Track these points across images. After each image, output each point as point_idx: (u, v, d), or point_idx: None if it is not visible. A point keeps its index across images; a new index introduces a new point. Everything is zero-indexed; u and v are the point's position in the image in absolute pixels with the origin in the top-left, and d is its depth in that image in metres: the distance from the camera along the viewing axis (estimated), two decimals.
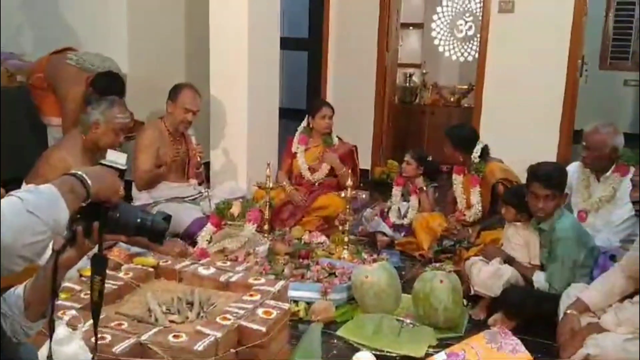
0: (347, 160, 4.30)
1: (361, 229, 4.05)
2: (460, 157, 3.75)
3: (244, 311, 2.28)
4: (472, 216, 3.73)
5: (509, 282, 2.89)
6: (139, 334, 2.08)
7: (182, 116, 3.74)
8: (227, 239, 3.22)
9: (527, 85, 4.88)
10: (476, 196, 3.71)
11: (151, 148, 3.69)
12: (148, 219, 1.46)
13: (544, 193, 2.83)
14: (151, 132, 3.74)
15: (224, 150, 4.30)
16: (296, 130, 4.31)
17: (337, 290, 2.98)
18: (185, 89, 3.79)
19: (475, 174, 3.71)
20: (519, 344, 2.12)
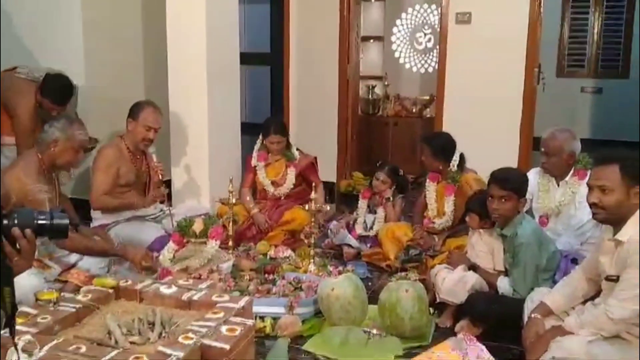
0: (309, 172, 4.30)
1: (327, 241, 4.04)
2: (440, 165, 3.74)
3: (206, 329, 2.23)
4: (442, 224, 3.74)
5: (473, 288, 2.91)
6: (98, 358, 2.02)
7: (144, 134, 3.68)
8: (190, 257, 3.16)
9: (486, 95, 4.95)
10: (450, 205, 3.72)
11: (111, 168, 3.62)
12: (47, 218, 1.48)
13: (499, 194, 2.87)
14: (111, 152, 3.66)
15: (186, 167, 4.24)
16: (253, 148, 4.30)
17: (304, 304, 2.96)
18: (146, 106, 3.74)
19: (451, 183, 3.72)
20: (484, 350, 2.13)
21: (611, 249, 2.38)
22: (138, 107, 3.74)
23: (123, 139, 3.75)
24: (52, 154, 3.07)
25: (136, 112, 3.72)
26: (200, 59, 4.03)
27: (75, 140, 3.10)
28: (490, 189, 2.92)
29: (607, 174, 2.29)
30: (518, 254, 2.86)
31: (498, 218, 2.91)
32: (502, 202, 2.87)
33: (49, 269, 3.06)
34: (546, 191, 3.43)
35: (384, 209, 4.02)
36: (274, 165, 4.25)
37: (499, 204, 2.88)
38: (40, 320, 2.25)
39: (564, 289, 2.63)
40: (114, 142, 3.77)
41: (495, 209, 2.89)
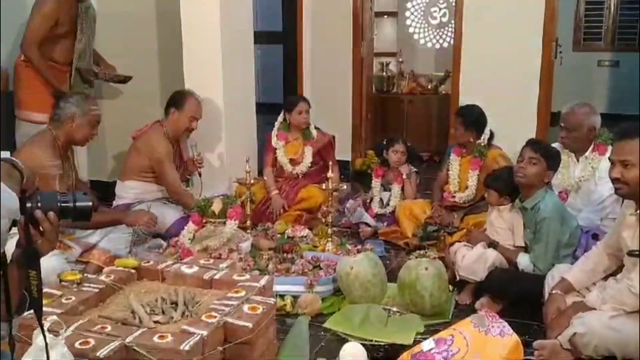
0: (327, 151, 4.29)
1: (344, 220, 4.04)
2: (471, 137, 3.71)
3: (229, 308, 2.25)
4: (464, 198, 3.72)
5: (493, 265, 2.91)
6: (123, 337, 2.04)
7: (188, 124, 3.74)
8: (210, 237, 3.18)
9: (503, 70, 4.88)
10: (474, 179, 3.69)
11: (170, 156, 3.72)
12: (70, 201, 1.48)
13: (529, 155, 2.88)
14: (166, 144, 3.71)
15: (202, 147, 4.23)
16: (273, 126, 4.29)
17: (323, 282, 2.97)
18: (190, 97, 3.78)
19: (478, 157, 3.69)
20: (507, 327, 2.12)
21: (633, 224, 2.35)
22: (182, 97, 3.77)
23: (163, 126, 3.77)
24: (70, 130, 3.09)
25: (180, 102, 3.74)
26: (215, 39, 4.01)
27: (91, 115, 3.13)
28: (522, 151, 2.93)
29: (629, 148, 2.26)
30: (540, 229, 2.84)
31: (522, 178, 2.89)
32: (530, 164, 2.87)
33: (70, 250, 3.09)
34: (566, 167, 3.40)
35: (401, 184, 4.01)
36: (293, 143, 4.25)
37: (527, 164, 2.88)
38: (64, 301, 2.27)
39: (585, 265, 2.62)
40: (159, 130, 3.76)
41: (522, 168, 2.88)
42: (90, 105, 3.14)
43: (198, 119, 3.78)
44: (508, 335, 2.09)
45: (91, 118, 3.12)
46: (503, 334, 2.09)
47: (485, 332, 2.09)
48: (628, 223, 2.39)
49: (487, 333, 2.09)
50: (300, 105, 4.19)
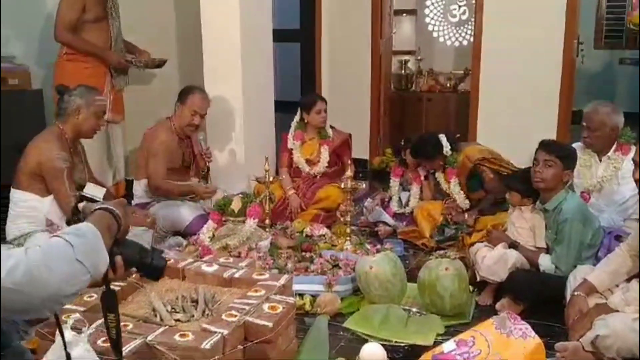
0: (344, 150, 4.28)
1: (362, 219, 4.03)
2: (439, 161, 3.82)
3: (249, 307, 2.25)
4: (462, 206, 3.76)
5: (514, 266, 2.88)
6: (144, 335, 2.06)
7: (189, 119, 3.72)
8: (229, 235, 3.19)
9: (524, 68, 4.84)
10: (455, 187, 3.76)
11: (166, 152, 3.70)
12: (148, 257, 1.48)
13: (543, 158, 2.85)
14: (165, 135, 3.72)
15: (221, 145, 4.26)
16: (288, 124, 4.29)
17: (342, 282, 2.96)
18: (194, 91, 3.77)
19: (450, 167, 3.77)
20: (529, 329, 2.10)
21: None
22: (186, 91, 3.78)
23: (172, 122, 3.79)
24: (76, 123, 3.11)
25: (184, 96, 3.76)
26: (234, 37, 4.02)
27: (96, 106, 3.14)
28: (536, 154, 2.91)
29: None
30: (562, 230, 2.81)
31: (540, 183, 2.87)
32: (545, 167, 2.84)
33: None
34: (588, 166, 3.35)
35: (419, 185, 4.00)
36: (308, 143, 4.23)
37: (542, 168, 2.85)
38: (87, 299, 2.29)
39: (607, 267, 2.58)
40: (165, 124, 3.80)
41: (538, 172, 2.86)
42: (94, 96, 3.17)
43: (200, 114, 3.74)
44: (530, 338, 2.07)
45: (96, 109, 3.14)
46: (525, 336, 2.06)
47: (507, 334, 2.07)
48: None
49: (509, 335, 2.07)
50: (319, 104, 4.17)
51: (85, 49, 3.82)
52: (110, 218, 1.37)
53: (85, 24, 3.79)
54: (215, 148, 4.28)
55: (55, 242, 1.21)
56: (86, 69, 3.79)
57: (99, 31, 3.87)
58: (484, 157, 3.70)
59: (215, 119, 4.22)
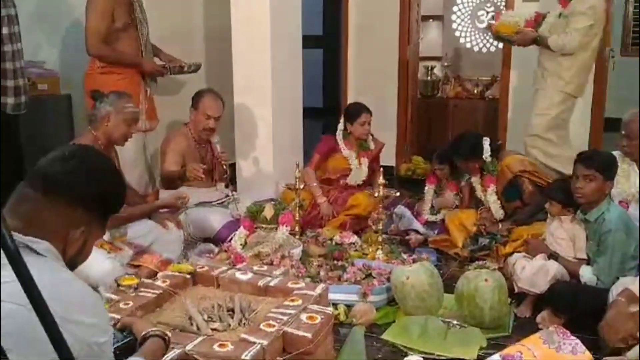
0: (377, 158, 4.24)
1: (392, 227, 3.97)
2: (475, 164, 3.71)
3: (287, 317, 2.21)
4: (495, 215, 3.67)
5: (554, 277, 2.80)
6: (183, 344, 2.02)
7: (204, 123, 3.72)
8: (261, 242, 3.15)
9: None
10: (491, 196, 3.67)
11: (178, 151, 3.70)
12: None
13: (583, 173, 2.76)
14: (179, 139, 3.75)
15: (250, 152, 4.24)
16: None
17: (377, 292, 2.91)
18: (206, 95, 3.77)
19: (489, 174, 3.67)
20: (579, 344, 2.03)
21: None
22: (198, 95, 3.78)
23: (189, 128, 3.79)
24: (107, 130, 3.10)
25: (196, 101, 3.76)
26: (265, 44, 4.00)
27: (125, 113, 3.13)
28: (575, 168, 2.81)
29: None
30: (605, 241, 2.73)
31: (581, 198, 2.79)
32: (586, 182, 2.75)
33: (122, 252, 3.10)
34: (626, 176, 3.27)
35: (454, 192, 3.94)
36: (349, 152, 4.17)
37: (583, 183, 2.76)
38: (122, 307, 2.26)
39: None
40: (182, 130, 3.83)
41: (579, 188, 2.77)
42: (124, 104, 3.15)
43: (214, 117, 3.72)
44: (581, 353, 2.00)
45: (126, 116, 3.13)
46: (575, 351, 2.00)
47: (557, 349, 2.00)
48: None
49: (558, 350, 2.00)
50: (364, 116, 4.08)
51: (120, 59, 3.79)
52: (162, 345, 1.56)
53: (114, 33, 3.74)
54: (243, 155, 4.27)
55: None
56: (121, 80, 3.75)
57: (129, 39, 3.83)
58: (524, 169, 3.61)
59: (244, 126, 4.21)
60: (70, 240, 1.30)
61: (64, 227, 1.29)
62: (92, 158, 1.40)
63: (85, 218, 1.32)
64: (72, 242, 1.30)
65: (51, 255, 1.27)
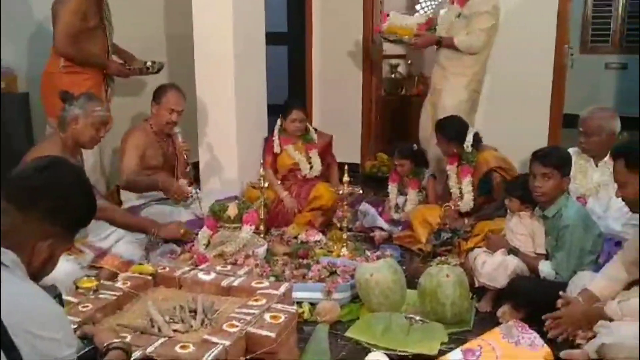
0: (327, 152, 4.25)
1: (357, 224, 3.99)
2: (454, 148, 3.71)
3: (250, 317, 2.20)
4: (465, 206, 3.69)
5: (514, 272, 2.85)
6: (144, 346, 1.99)
7: (167, 117, 3.69)
8: (225, 242, 3.13)
9: (515, 73, 4.85)
10: (467, 186, 3.68)
11: (137, 149, 3.63)
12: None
13: (541, 171, 2.80)
14: (138, 134, 3.69)
15: (213, 150, 4.20)
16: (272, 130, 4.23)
17: (341, 289, 2.92)
18: (169, 89, 3.73)
19: (467, 164, 3.69)
20: (537, 338, 2.08)
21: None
22: (160, 90, 3.75)
23: (149, 122, 3.75)
24: (75, 132, 3.03)
25: (159, 95, 3.72)
26: (227, 39, 3.97)
27: (94, 116, 3.06)
28: (532, 166, 2.85)
29: (617, 169, 2.32)
30: (563, 236, 2.79)
31: (540, 197, 2.84)
32: (544, 180, 2.80)
33: (83, 255, 3.04)
34: (584, 172, 3.36)
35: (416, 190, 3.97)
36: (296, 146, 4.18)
37: (541, 181, 2.80)
38: (82, 309, 2.23)
39: (607, 274, 2.57)
40: (141, 125, 3.77)
41: (538, 187, 2.81)
42: (93, 107, 3.08)
43: (177, 110, 3.68)
44: (539, 347, 2.05)
45: (95, 120, 3.06)
46: (534, 345, 2.04)
47: (515, 343, 2.05)
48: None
49: (517, 344, 2.04)
50: (294, 113, 4.10)
51: (88, 60, 3.74)
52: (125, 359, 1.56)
53: (84, 32, 3.68)
54: (207, 152, 4.22)
55: None
56: (86, 80, 3.70)
57: (96, 39, 3.78)
58: (499, 165, 3.63)
59: (208, 125, 4.17)
60: (36, 252, 1.31)
61: (32, 238, 1.30)
62: (64, 172, 1.40)
63: (54, 231, 1.33)
64: (38, 254, 1.31)
65: (15, 266, 1.26)
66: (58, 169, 1.39)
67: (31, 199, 1.30)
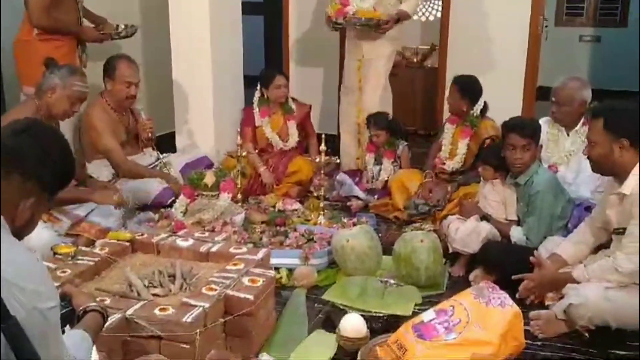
0: (305, 121, 4.27)
1: (334, 193, 4.03)
2: (464, 106, 3.72)
3: (229, 281, 2.24)
4: (453, 166, 3.75)
5: (486, 238, 2.93)
6: (123, 309, 2.02)
7: (125, 91, 3.52)
8: (203, 210, 3.15)
9: (490, 44, 4.88)
10: (463, 147, 3.73)
11: (110, 131, 3.52)
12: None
13: (521, 143, 2.86)
14: (99, 114, 3.53)
15: (190, 119, 4.18)
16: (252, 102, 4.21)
17: (318, 255, 2.97)
18: (119, 62, 3.56)
19: (469, 126, 3.73)
20: (507, 298, 2.15)
21: (616, 202, 2.41)
22: (111, 64, 3.57)
23: (104, 98, 3.58)
24: (49, 101, 2.97)
25: (111, 70, 3.55)
26: (203, 10, 3.92)
27: (72, 90, 2.99)
28: (510, 138, 2.90)
29: (593, 127, 2.38)
30: (534, 202, 2.87)
31: (520, 167, 2.90)
32: (524, 151, 2.86)
33: (59, 222, 3.03)
34: (555, 141, 3.42)
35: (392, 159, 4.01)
36: (273, 118, 4.18)
37: (522, 152, 2.86)
38: (60, 274, 2.24)
39: (575, 238, 2.66)
40: (97, 102, 3.58)
41: (519, 159, 2.87)
42: (74, 81, 3.00)
43: (134, 82, 3.54)
44: (508, 306, 2.12)
45: (71, 93, 2.98)
46: (503, 304, 2.11)
47: (486, 303, 2.11)
48: (611, 201, 2.44)
49: (487, 304, 2.11)
50: (278, 79, 4.10)
51: (62, 29, 3.64)
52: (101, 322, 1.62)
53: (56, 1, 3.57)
54: (184, 123, 4.21)
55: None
56: (61, 47, 3.59)
57: (69, 6, 3.68)
58: (497, 135, 3.61)
59: (184, 93, 4.14)
60: (19, 211, 1.34)
61: (16, 197, 1.33)
62: (44, 132, 1.44)
63: (35, 190, 1.37)
64: (21, 213, 1.35)
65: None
66: (36, 129, 1.41)
67: (11, 160, 1.33)
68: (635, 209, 2.26)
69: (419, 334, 2.06)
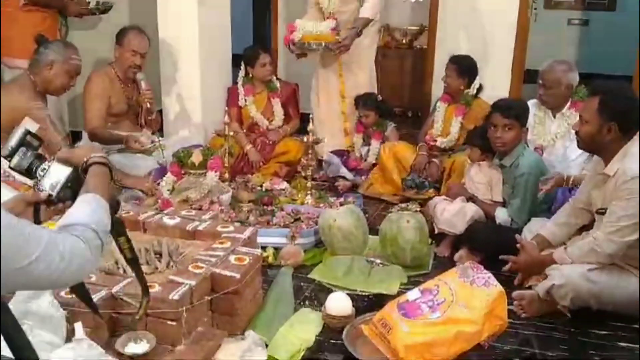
0: (291, 101, 4.25)
1: (321, 173, 4.04)
2: (461, 85, 3.76)
3: (215, 259, 2.25)
4: (445, 143, 3.78)
5: (472, 219, 2.96)
6: (109, 286, 2.03)
7: (130, 59, 3.59)
8: (190, 188, 3.14)
9: (479, 25, 4.87)
10: (456, 125, 3.76)
11: (103, 96, 3.55)
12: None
13: (502, 123, 2.89)
14: (100, 80, 3.58)
15: (177, 97, 4.14)
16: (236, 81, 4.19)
17: (305, 234, 2.98)
18: (131, 31, 3.64)
19: (464, 105, 3.76)
20: (491, 277, 2.18)
21: (600, 183, 2.43)
22: (123, 32, 3.66)
23: (113, 67, 3.66)
24: (47, 77, 3.00)
25: (121, 37, 3.63)
26: None
27: (70, 63, 3.04)
28: (493, 118, 2.93)
29: (588, 105, 2.39)
30: (519, 184, 2.89)
31: (501, 147, 2.92)
32: (505, 131, 2.89)
33: None
34: (542, 123, 3.45)
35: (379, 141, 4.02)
36: (257, 97, 4.15)
37: (503, 132, 2.89)
38: None
39: (559, 219, 2.68)
40: (104, 70, 3.67)
41: (499, 138, 2.90)
42: (71, 54, 3.06)
43: (140, 52, 3.60)
44: (492, 286, 2.15)
45: (69, 67, 3.04)
46: (488, 284, 2.14)
47: (471, 282, 2.14)
48: (596, 182, 2.47)
49: (472, 284, 2.14)
50: (263, 57, 4.08)
51: (51, 3, 3.65)
52: (107, 172, 1.44)
53: None
54: (171, 100, 4.17)
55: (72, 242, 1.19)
56: (44, 20, 3.61)
57: None
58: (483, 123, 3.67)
59: (171, 70, 4.10)
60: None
61: None
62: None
63: None
64: None
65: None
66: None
67: None
68: (620, 190, 2.28)
69: (404, 312, 2.08)
